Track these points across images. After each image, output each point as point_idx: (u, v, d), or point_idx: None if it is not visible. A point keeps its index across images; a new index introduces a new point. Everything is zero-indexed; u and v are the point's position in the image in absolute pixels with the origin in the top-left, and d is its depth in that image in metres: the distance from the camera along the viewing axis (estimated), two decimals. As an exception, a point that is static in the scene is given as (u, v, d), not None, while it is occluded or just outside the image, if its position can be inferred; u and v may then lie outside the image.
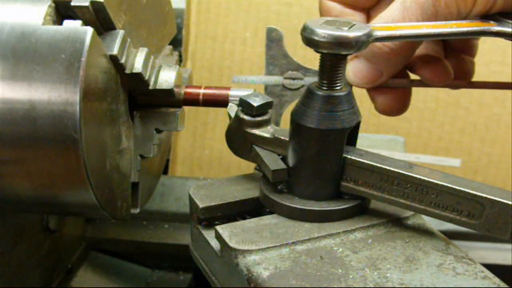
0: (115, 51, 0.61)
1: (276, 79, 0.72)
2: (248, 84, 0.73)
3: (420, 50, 0.69)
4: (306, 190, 0.62)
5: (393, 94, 0.69)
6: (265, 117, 0.64)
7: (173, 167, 1.17)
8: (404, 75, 0.71)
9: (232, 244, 0.57)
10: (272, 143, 0.63)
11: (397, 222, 0.62)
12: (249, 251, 0.57)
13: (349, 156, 0.60)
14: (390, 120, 1.10)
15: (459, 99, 1.12)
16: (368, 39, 0.56)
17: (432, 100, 1.12)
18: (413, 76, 0.71)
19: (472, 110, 1.12)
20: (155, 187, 0.81)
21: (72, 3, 0.58)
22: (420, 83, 0.70)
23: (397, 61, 0.66)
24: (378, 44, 0.62)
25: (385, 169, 0.59)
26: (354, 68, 0.66)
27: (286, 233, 0.59)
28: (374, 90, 0.69)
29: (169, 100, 0.70)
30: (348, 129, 0.59)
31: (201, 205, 0.63)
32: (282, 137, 0.62)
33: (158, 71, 0.69)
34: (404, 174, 0.58)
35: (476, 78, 1.11)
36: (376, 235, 0.60)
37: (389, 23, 0.62)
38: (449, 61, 0.71)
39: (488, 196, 0.55)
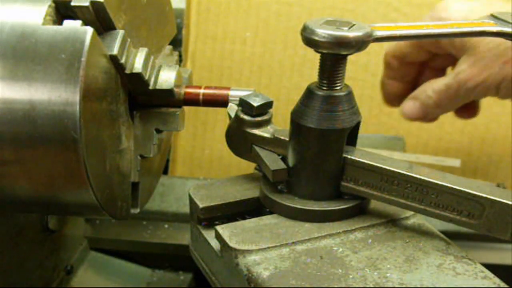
0: (115, 51, 0.61)
1: None
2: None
3: None
4: (306, 190, 0.61)
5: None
6: (265, 117, 0.64)
7: (173, 167, 1.17)
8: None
9: (232, 244, 0.57)
10: (272, 143, 0.63)
11: (397, 222, 0.62)
12: (249, 251, 0.57)
13: (349, 156, 0.60)
14: (390, 120, 1.10)
15: (459, 99, 1.11)
16: (368, 39, 0.56)
17: (432, 100, 1.12)
18: None
19: (472, 110, 1.12)
20: (155, 187, 0.81)
21: (72, 3, 0.58)
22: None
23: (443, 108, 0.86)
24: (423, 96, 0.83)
25: (385, 169, 0.59)
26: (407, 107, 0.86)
27: (286, 233, 0.59)
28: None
29: (169, 100, 0.70)
30: (348, 129, 0.59)
31: (201, 205, 0.63)
32: (282, 137, 0.62)
33: (158, 71, 0.69)
34: (404, 174, 0.58)
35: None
36: (376, 235, 0.60)
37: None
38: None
39: (488, 196, 0.55)
